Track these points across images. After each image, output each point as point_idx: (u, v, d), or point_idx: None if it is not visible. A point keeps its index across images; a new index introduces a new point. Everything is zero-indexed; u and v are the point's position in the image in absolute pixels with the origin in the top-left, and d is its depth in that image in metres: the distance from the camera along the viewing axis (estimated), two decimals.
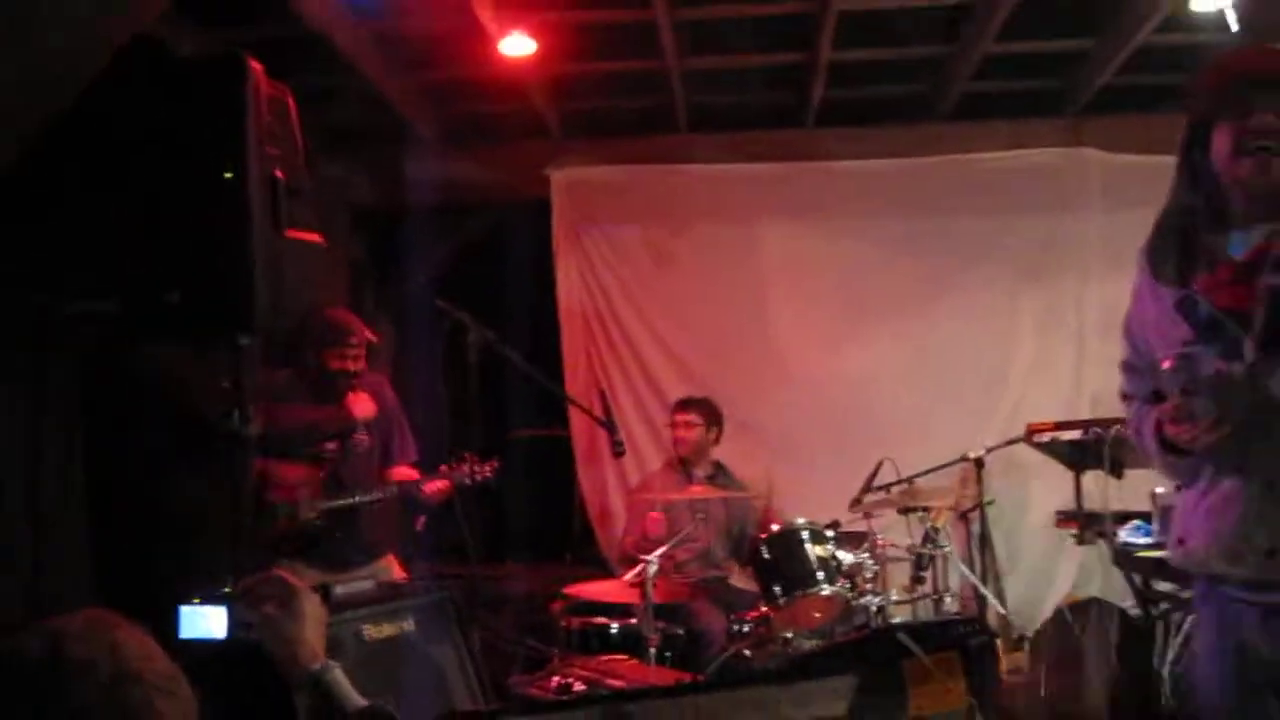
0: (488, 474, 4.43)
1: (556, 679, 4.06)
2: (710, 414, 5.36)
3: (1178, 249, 2.21)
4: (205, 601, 2.27)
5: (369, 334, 4.56)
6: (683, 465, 5.32)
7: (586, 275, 6.02)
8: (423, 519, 5.02)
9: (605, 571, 5.38)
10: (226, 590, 2.35)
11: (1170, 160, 2.29)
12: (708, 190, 6.01)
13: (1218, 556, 2.14)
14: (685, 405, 5.40)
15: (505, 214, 6.32)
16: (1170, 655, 4.34)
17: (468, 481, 4.37)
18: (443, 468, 4.42)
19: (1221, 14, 4.38)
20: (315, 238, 3.06)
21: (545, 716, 1.81)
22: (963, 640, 3.71)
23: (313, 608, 1.91)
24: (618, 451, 4.49)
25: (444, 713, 3.30)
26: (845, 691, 2.19)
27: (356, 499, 4.30)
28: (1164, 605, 4.33)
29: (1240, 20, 4.37)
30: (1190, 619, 3.60)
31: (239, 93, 2.45)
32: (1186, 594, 3.70)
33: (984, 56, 5.21)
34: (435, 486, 4.38)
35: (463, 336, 4.17)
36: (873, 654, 3.55)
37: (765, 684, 2.26)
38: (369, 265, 6.35)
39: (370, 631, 3.74)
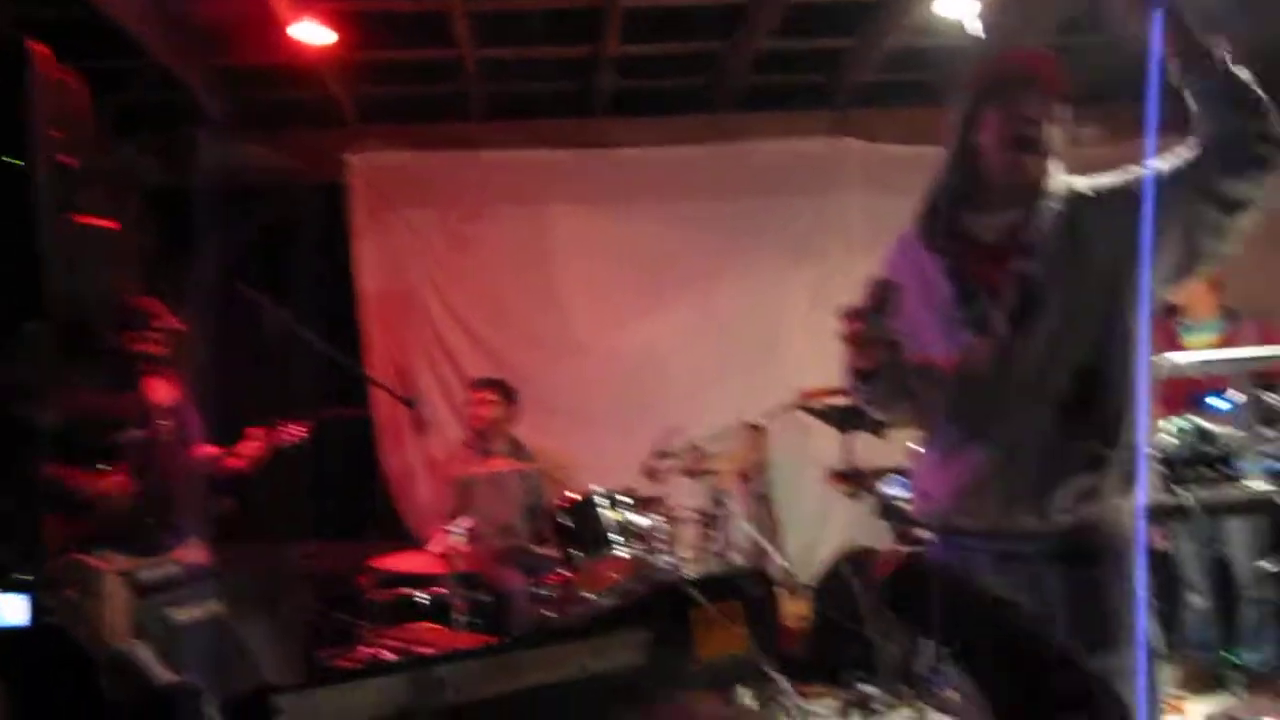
0: (301, 435, 4.44)
1: (365, 650, 4.17)
2: (506, 392, 5.52)
3: (943, 222, 2.36)
4: (3, 590, 2.30)
5: (173, 321, 4.53)
6: (480, 440, 5.48)
7: (385, 258, 6.08)
8: (229, 501, 5.00)
9: (410, 545, 5.38)
10: (26, 578, 2.39)
11: (922, 150, 2.54)
12: (502, 176, 6.14)
13: (957, 511, 2.31)
14: (483, 384, 5.55)
15: (301, 198, 6.29)
16: None
17: (286, 444, 4.40)
18: (252, 431, 4.40)
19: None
20: (108, 223, 3.06)
21: (355, 685, 1.92)
22: (743, 590, 4.04)
23: (115, 590, 1.89)
24: (421, 428, 4.63)
25: (253, 688, 3.37)
26: (640, 642, 2.35)
27: (169, 483, 4.26)
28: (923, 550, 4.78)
29: (985, 25, 4.83)
30: None
31: (21, 77, 2.43)
32: None
33: (759, 52, 5.53)
34: (249, 449, 4.38)
35: (261, 319, 4.22)
36: (663, 607, 3.81)
37: (567, 640, 2.43)
38: (163, 249, 6.21)
39: (178, 614, 3.76)
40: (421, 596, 4.64)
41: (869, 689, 5.15)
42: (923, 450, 2.50)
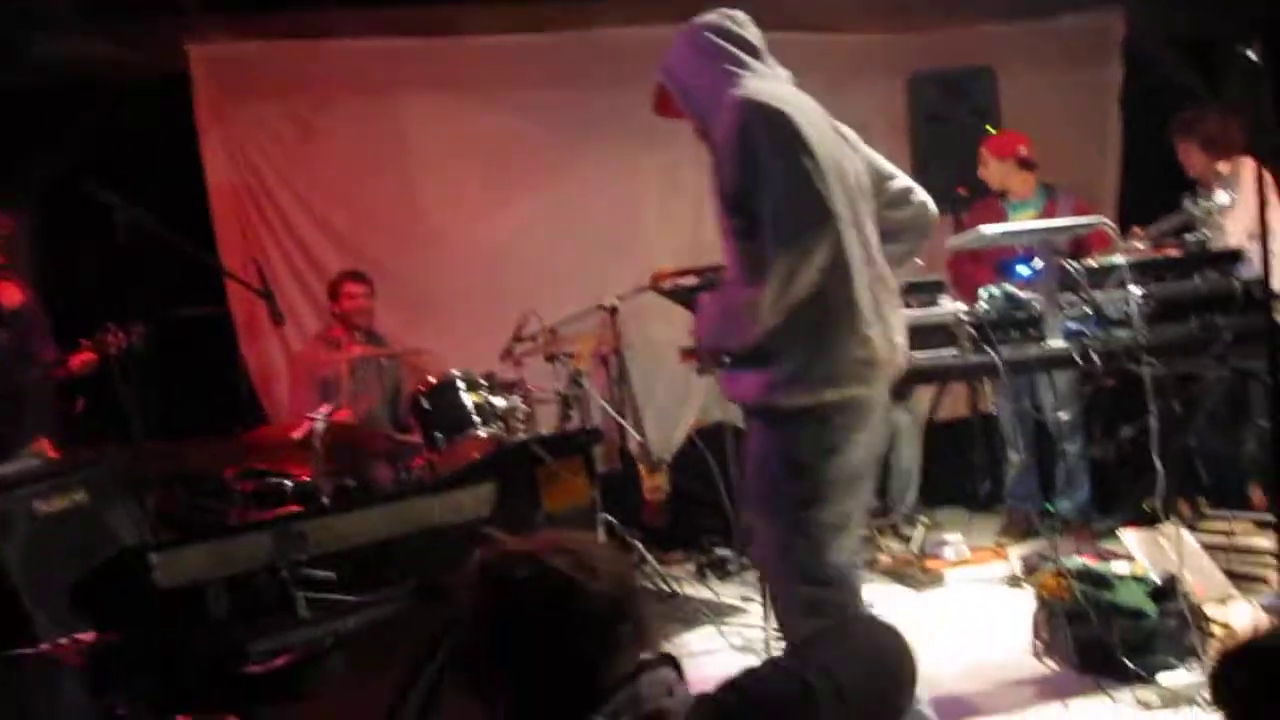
0: (134, 339, 4.36)
1: None
2: (371, 285, 5.66)
3: None
4: None
5: (7, 224, 4.42)
6: (351, 331, 5.56)
7: (235, 152, 5.99)
8: (81, 400, 4.97)
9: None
10: None
11: (772, 37, 2.72)
12: (349, 65, 6.07)
13: None
14: (355, 277, 5.65)
15: (141, 92, 6.10)
16: None
17: (113, 350, 4.31)
18: (84, 341, 4.35)
19: None
20: None
21: (222, 541, 2.07)
22: (584, 446, 4.29)
23: None
24: (277, 320, 4.66)
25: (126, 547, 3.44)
26: (488, 496, 2.55)
27: (5, 385, 4.21)
28: None
29: None
30: None
31: None
32: None
33: None
34: (80, 359, 4.32)
35: (110, 218, 4.18)
36: (509, 464, 4.03)
37: (420, 495, 2.61)
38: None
39: (41, 506, 3.81)
40: (288, 484, 4.75)
41: (723, 552, 5.52)
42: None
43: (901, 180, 2.76)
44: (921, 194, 2.77)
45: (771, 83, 2.57)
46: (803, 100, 2.58)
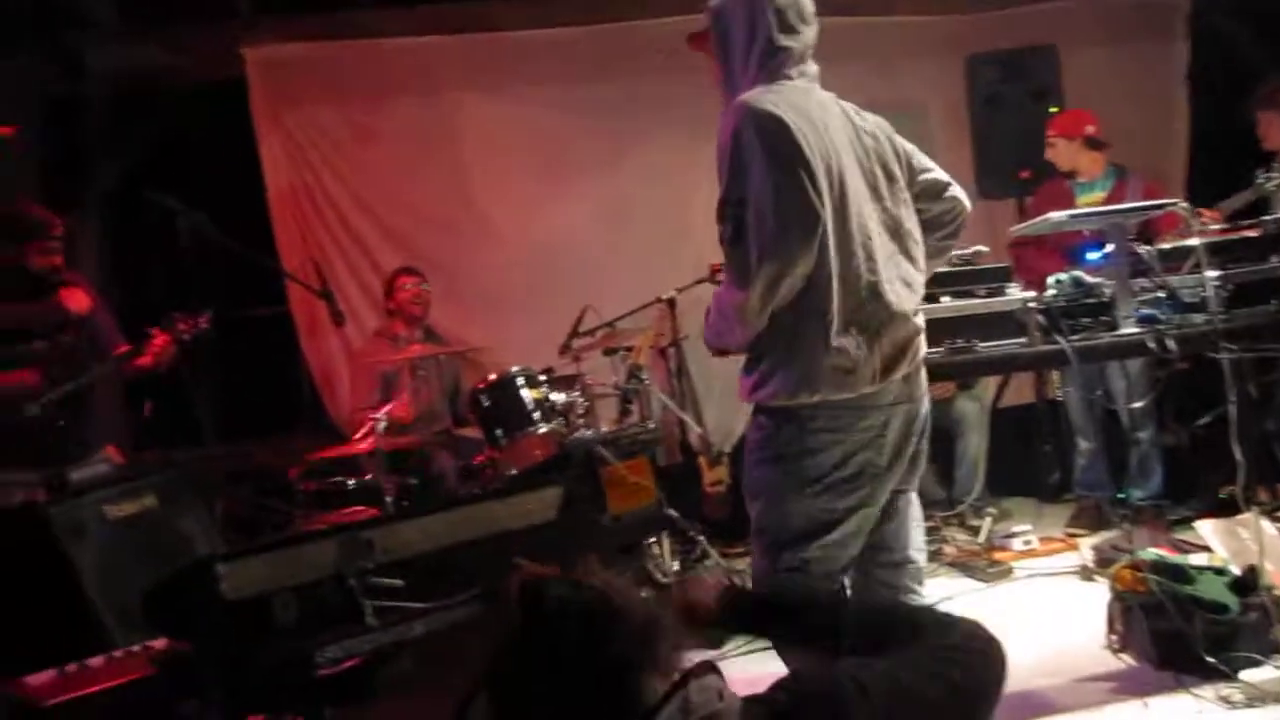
0: (203, 325, 4.33)
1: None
2: (423, 278, 5.63)
3: None
4: None
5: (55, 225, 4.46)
6: (410, 325, 5.57)
7: (292, 154, 6.03)
8: (150, 405, 5.03)
9: (337, 438, 5.49)
10: None
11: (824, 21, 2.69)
12: (403, 64, 6.10)
13: None
14: (411, 271, 5.64)
15: (199, 97, 6.16)
16: None
17: (186, 336, 4.28)
18: (153, 330, 4.28)
19: None
20: (4, 130, 3.05)
21: (289, 550, 2.07)
22: (648, 446, 4.23)
23: None
24: (338, 321, 4.68)
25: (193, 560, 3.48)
26: (554, 500, 2.55)
27: (81, 380, 4.21)
28: None
29: None
30: None
31: None
32: None
33: None
34: (158, 343, 4.27)
35: (172, 223, 4.21)
36: (574, 467, 3.99)
37: (485, 501, 2.60)
38: (64, 158, 6.07)
39: (113, 510, 3.85)
40: (351, 483, 4.78)
41: None
42: None
43: (936, 174, 2.77)
44: (956, 189, 2.79)
45: (780, 88, 2.53)
46: (812, 103, 2.55)
